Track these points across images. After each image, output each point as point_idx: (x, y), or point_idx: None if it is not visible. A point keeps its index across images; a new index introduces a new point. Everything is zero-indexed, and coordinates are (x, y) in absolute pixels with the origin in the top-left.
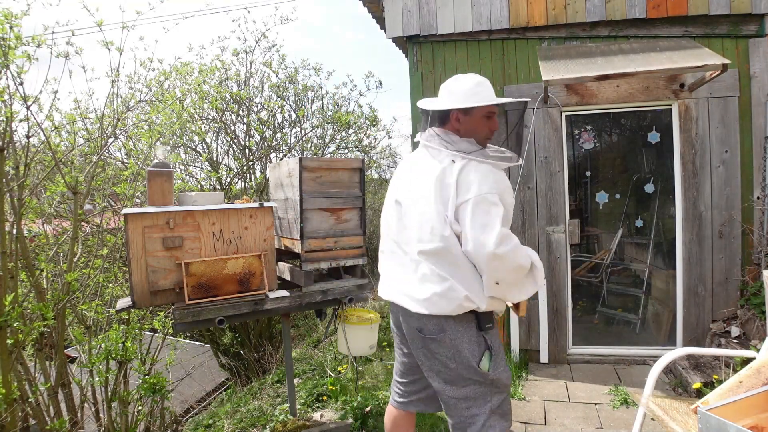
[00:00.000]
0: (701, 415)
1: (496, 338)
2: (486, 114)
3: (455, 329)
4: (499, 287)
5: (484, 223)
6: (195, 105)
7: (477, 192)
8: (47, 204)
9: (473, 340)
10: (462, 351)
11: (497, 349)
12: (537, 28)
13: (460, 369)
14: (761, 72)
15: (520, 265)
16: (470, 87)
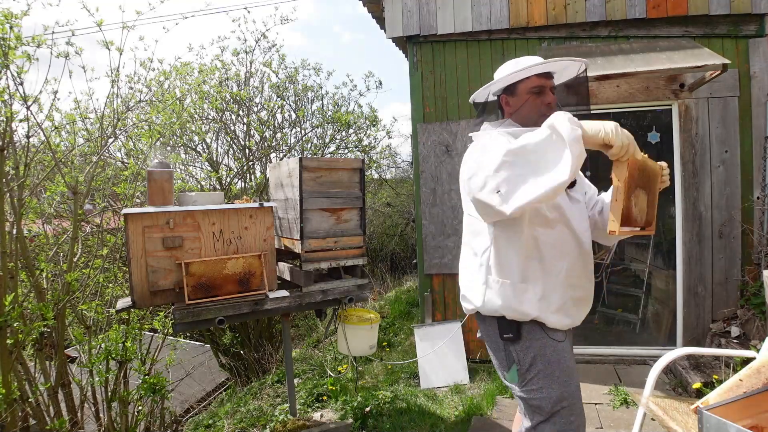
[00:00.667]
0: (701, 415)
1: (530, 351)
2: (532, 90)
3: (487, 332)
4: (505, 189)
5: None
6: (195, 105)
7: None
8: (47, 204)
9: (499, 347)
10: (493, 356)
11: (531, 363)
12: (537, 28)
13: (503, 375)
14: (761, 72)
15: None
16: (512, 68)
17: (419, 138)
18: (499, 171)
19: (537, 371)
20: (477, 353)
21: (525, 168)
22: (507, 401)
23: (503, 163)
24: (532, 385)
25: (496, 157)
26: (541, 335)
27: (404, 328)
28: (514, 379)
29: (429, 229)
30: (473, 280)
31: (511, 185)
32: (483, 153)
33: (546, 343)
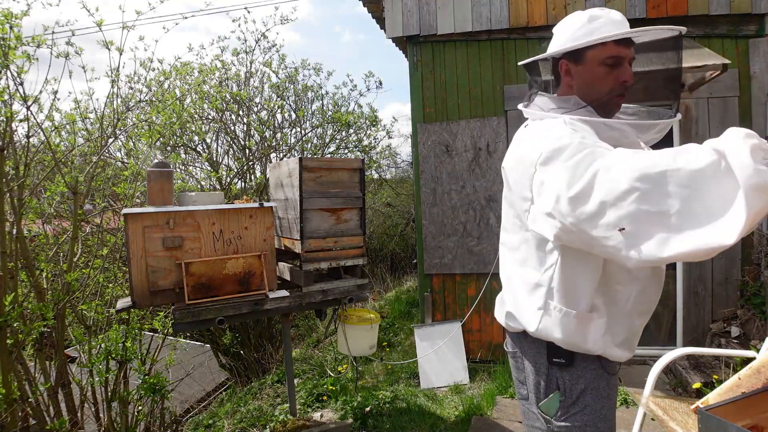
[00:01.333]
0: (701, 415)
1: (581, 381)
2: (606, 60)
3: (526, 350)
4: (632, 232)
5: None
6: (195, 105)
7: (538, 155)
8: (47, 204)
9: (541, 371)
10: (528, 378)
11: (579, 396)
12: (537, 28)
13: (530, 401)
14: (761, 72)
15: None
16: (581, 23)
17: (419, 138)
18: (626, 200)
19: (584, 405)
20: (477, 353)
21: (667, 207)
22: (507, 401)
23: (634, 190)
24: (575, 420)
25: (622, 178)
26: (596, 365)
27: (404, 328)
28: (552, 409)
29: (429, 229)
30: (526, 301)
31: (643, 226)
32: (565, 152)
33: (600, 375)
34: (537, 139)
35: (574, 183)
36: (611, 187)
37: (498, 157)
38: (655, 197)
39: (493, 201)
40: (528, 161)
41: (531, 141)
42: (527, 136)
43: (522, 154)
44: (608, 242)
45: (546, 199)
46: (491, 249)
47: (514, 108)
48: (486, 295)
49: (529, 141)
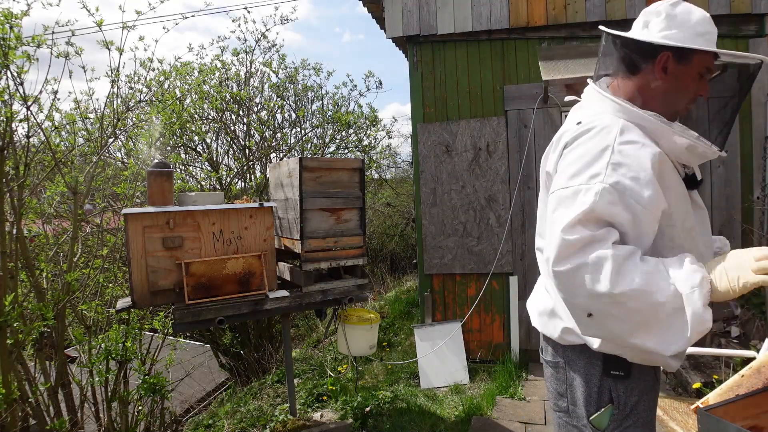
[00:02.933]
0: (701, 415)
1: (635, 393)
2: (704, 69)
3: (574, 361)
4: (600, 324)
5: (555, 218)
6: (195, 105)
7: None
8: (47, 204)
9: (593, 383)
10: (575, 391)
11: (633, 408)
12: (537, 28)
13: (571, 413)
14: (761, 72)
15: (620, 292)
16: (700, 20)
17: (419, 138)
18: (601, 301)
19: (637, 418)
20: (477, 353)
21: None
22: (507, 401)
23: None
24: None
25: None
26: (651, 376)
27: (404, 328)
28: (604, 422)
29: (429, 229)
30: None
31: (606, 322)
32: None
33: (651, 386)
34: (579, 156)
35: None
36: (590, 286)
37: (498, 157)
38: (623, 314)
39: (493, 201)
40: (562, 171)
41: (574, 151)
42: (576, 138)
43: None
44: (578, 314)
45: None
46: (491, 249)
47: (514, 108)
48: (486, 295)
49: (574, 149)
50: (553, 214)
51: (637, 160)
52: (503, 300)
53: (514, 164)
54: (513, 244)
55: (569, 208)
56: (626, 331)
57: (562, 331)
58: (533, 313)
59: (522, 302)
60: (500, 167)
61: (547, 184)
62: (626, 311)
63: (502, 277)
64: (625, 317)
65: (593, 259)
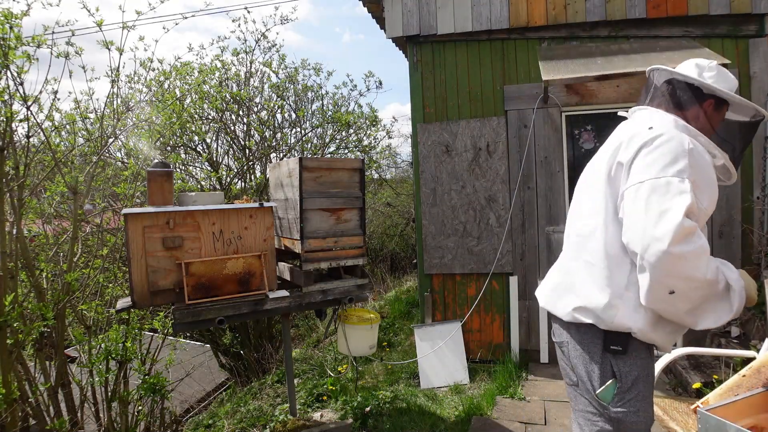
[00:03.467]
0: (701, 415)
1: (635, 369)
2: (722, 117)
3: (578, 340)
4: (673, 300)
5: (661, 209)
6: (195, 105)
7: (656, 172)
8: (47, 204)
9: (595, 359)
10: (580, 367)
11: (633, 383)
12: (537, 28)
13: (580, 387)
14: (761, 72)
15: (711, 282)
16: (734, 83)
17: (419, 138)
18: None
19: (638, 392)
20: (477, 353)
21: (709, 297)
22: (507, 401)
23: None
24: (630, 406)
25: (711, 277)
26: (646, 354)
27: (404, 328)
28: (609, 395)
29: (429, 229)
30: (603, 295)
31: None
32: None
33: (649, 363)
34: (663, 154)
35: (677, 242)
36: (691, 271)
37: (498, 157)
38: (693, 291)
39: (493, 201)
40: (649, 165)
41: (656, 148)
42: (654, 140)
43: (646, 155)
44: (661, 291)
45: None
46: (491, 249)
47: (514, 108)
48: (486, 295)
49: (655, 148)
50: (649, 197)
51: (705, 165)
52: (503, 300)
53: (514, 164)
54: (513, 244)
55: (666, 196)
56: (687, 310)
57: (573, 309)
58: (543, 293)
59: (522, 302)
60: (500, 167)
61: (617, 173)
62: (700, 295)
63: (502, 277)
64: (695, 298)
65: (700, 247)
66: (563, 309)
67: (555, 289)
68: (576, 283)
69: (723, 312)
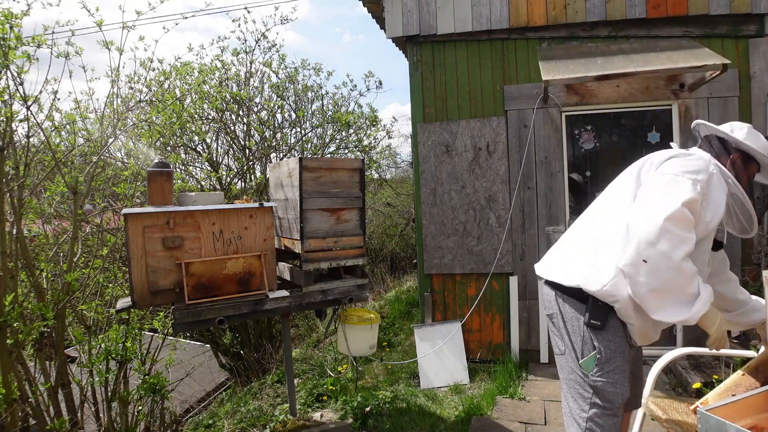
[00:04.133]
0: (701, 416)
1: (612, 344)
2: (752, 174)
3: (565, 313)
4: (643, 270)
5: (671, 191)
6: (195, 105)
7: (678, 171)
8: (47, 204)
9: (578, 332)
10: (564, 338)
11: (611, 356)
12: (537, 28)
13: (566, 354)
14: (761, 72)
15: (683, 271)
16: (765, 144)
17: (419, 138)
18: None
19: (615, 366)
20: (477, 353)
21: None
22: (507, 401)
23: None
24: (609, 377)
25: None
26: (622, 336)
27: (404, 328)
28: (590, 365)
29: (429, 229)
30: (601, 263)
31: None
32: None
33: (625, 345)
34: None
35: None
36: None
37: (498, 157)
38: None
39: (493, 201)
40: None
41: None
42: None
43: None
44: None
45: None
46: (491, 249)
47: (514, 108)
48: (486, 295)
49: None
50: (665, 187)
51: (720, 188)
52: (503, 300)
53: (514, 164)
54: (513, 244)
55: (678, 187)
56: (651, 288)
57: (565, 273)
58: (541, 265)
59: (522, 302)
60: (500, 167)
61: (647, 170)
62: (667, 278)
63: (502, 277)
64: (662, 281)
65: (687, 240)
66: (556, 273)
67: (553, 257)
68: (573, 253)
69: (681, 311)
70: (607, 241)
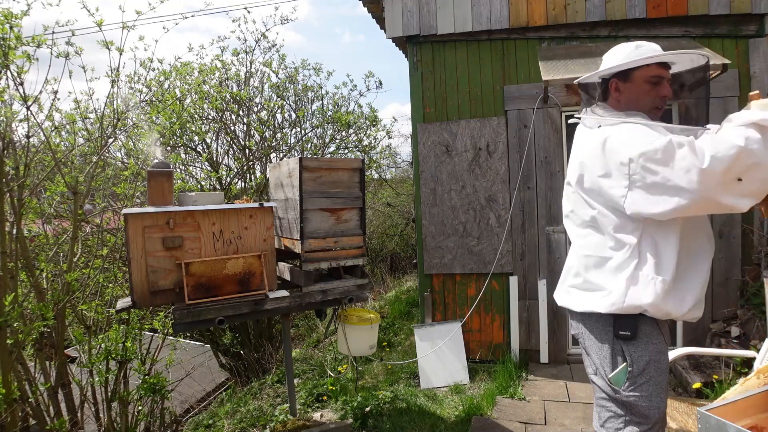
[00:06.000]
0: (701, 416)
1: (645, 354)
2: (650, 78)
3: (591, 329)
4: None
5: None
6: (195, 105)
7: (631, 154)
8: (47, 204)
9: (606, 346)
10: (594, 355)
11: (644, 367)
12: (537, 28)
13: (597, 374)
14: (761, 72)
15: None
16: (629, 51)
17: (419, 138)
18: (740, 161)
19: (649, 377)
20: (477, 353)
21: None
22: (507, 401)
23: (747, 151)
24: (642, 390)
25: (732, 142)
26: (657, 339)
27: (404, 328)
28: (620, 380)
29: (429, 229)
30: (608, 277)
31: (757, 175)
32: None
33: (661, 349)
34: (628, 139)
35: (703, 159)
36: (728, 155)
37: (498, 157)
38: (756, 154)
39: (493, 201)
40: (622, 156)
41: (621, 140)
42: (610, 136)
43: (611, 150)
44: (731, 191)
45: (677, 176)
46: (491, 249)
47: (514, 108)
48: (486, 295)
49: (617, 140)
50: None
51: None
52: (503, 300)
53: (514, 164)
54: (513, 244)
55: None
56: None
57: (585, 301)
58: (559, 294)
59: (522, 302)
60: (500, 167)
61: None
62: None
63: (502, 277)
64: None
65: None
66: (576, 302)
67: (565, 284)
68: (583, 275)
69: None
70: (601, 257)
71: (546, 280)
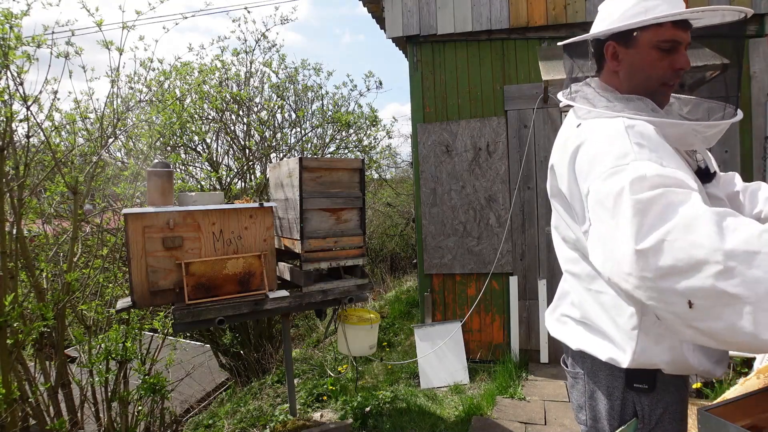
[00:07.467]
0: (701, 416)
1: (660, 405)
2: (662, 43)
3: (595, 372)
4: (698, 316)
5: (608, 226)
6: (195, 105)
7: (594, 177)
8: (47, 204)
9: (615, 396)
10: (597, 404)
11: (658, 421)
12: (537, 28)
13: (590, 428)
14: (761, 72)
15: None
16: (633, 3)
17: (419, 138)
18: (702, 272)
19: (663, 431)
20: (477, 353)
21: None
22: (507, 401)
23: (714, 264)
24: None
25: (704, 244)
26: (676, 386)
27: (404, 328)
28: None
29: (429, 229)
30: (610, 321)
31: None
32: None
33: (680, 398)
34: (595, 151)
35: (644, 234)
36: (688, 253)
37: (498, 157)
38: (738, 278)
39: (493, 201)
40: (586, 175)
41: (587, 151)
42: (583, 138)
43: (579, 167)
44: (671, 308)
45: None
46: (491, 249)
47: (514, 108)
48: (486, 295)
49: (586, 149)
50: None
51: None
52: (503, 300)
53: (514, 164)
54: (513, 244)
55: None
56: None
57: (588, 342)
58: (551, 323)
59: (522, 302)
60: (500, 167)
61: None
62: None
63: (502, 277)
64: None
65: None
66: (573, 338)
67: (558, 310)
68: (587, 313)
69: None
70: (596, 297)
71: (546, 280)
